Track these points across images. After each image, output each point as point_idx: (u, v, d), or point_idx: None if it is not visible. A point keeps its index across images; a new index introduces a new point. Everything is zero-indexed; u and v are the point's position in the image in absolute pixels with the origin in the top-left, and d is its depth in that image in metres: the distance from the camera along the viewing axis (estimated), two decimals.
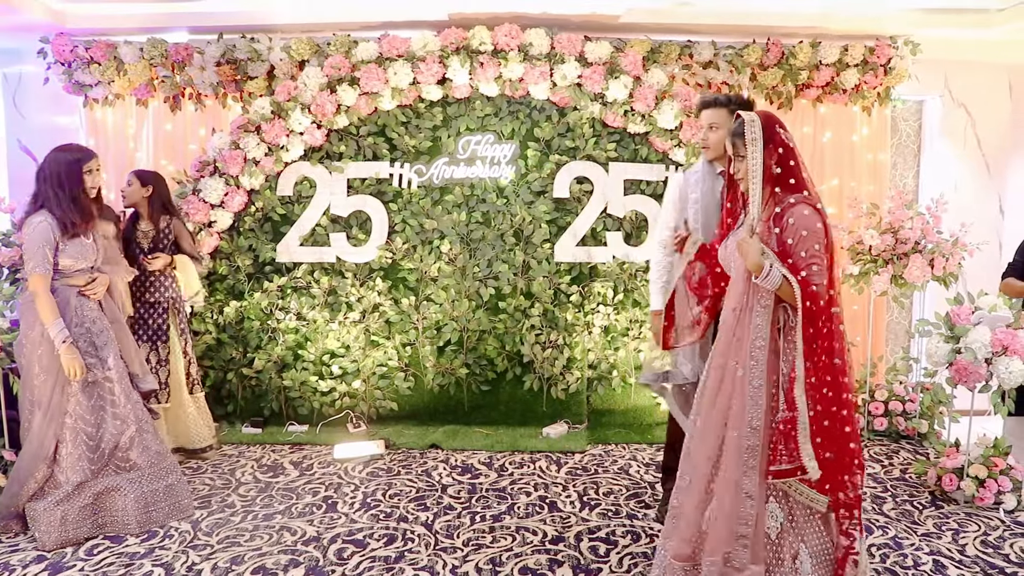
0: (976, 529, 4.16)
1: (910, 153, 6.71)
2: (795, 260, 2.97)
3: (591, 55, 5.68)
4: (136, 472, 4.19)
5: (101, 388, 4.14)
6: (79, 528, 4.03)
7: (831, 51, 5.88)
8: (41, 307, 3.95)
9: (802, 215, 2.98)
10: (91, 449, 4.09)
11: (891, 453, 5.42)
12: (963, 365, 4.31)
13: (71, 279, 4.11)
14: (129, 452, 4.19)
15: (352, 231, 6.00)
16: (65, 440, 4.04)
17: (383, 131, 5.95)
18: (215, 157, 5.76)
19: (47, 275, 3.96)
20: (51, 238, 3.96)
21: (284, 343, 6.02)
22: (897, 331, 6.77)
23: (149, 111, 6.22)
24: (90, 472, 4.07)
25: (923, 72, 6.13)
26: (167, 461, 4.35)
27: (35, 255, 3.93)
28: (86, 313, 4.13)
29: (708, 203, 3.89)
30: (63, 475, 4.05)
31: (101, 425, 4.13)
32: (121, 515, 4.13)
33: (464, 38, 5.67)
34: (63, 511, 3.98)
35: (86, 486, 4.06)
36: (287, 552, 3.91)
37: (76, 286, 4.12)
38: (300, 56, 5.83)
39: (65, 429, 4.05)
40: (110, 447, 4.14)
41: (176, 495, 4.34)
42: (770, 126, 3.11)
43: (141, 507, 4.17)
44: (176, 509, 4.32)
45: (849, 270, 5.67)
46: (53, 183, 4.02)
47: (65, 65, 5.95)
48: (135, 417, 4.21)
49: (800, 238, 2.96)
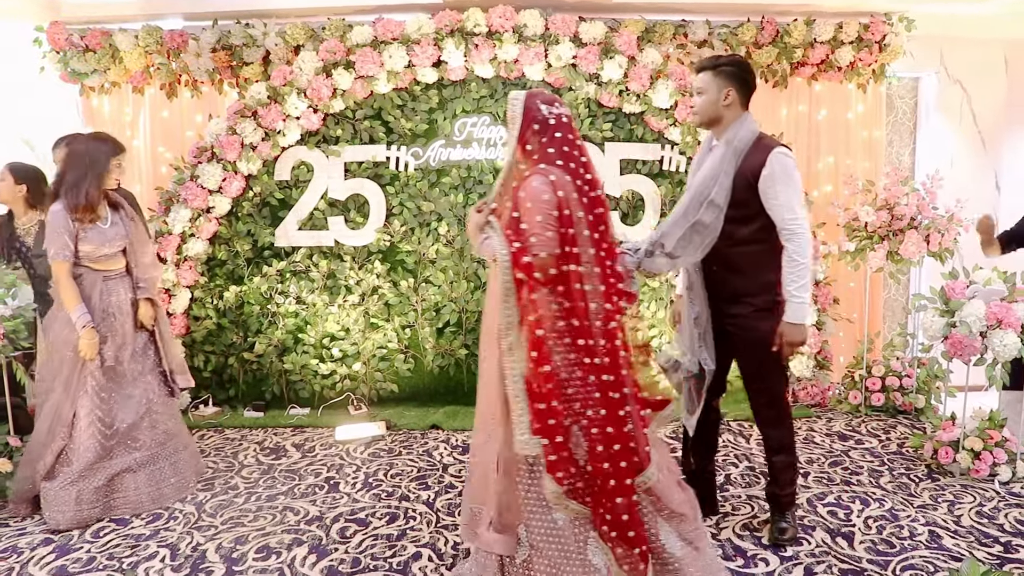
0: (971, 500, 4.20)
1: (906, 130, 6.71)
2: (515, 232, 2.92)
3: (585, 35, 5.69)
4: (144, 451, 4.29)
5: (115, 372, 4.24)
6: (93, 508, 4.10)
7: (826, 29, 5.88)
8: (63, 292, 4.06)
9: (531, 187, 2.92)
10: (105, 426, 4.16)
11: (888, 428, 5.46)
12: (958, 339, 4.34)
13: (96, 264, 4.19)
14: (137, 432, 4.29)
15: (350, 215, 6.03)
16: (79, 418, 4.12)
17: (379, 114, 5.96)
18: (212, 143, 5.77)
19: (67, 261, 4.04)
20: (68, 225, 4.04)
21: (284, 327, 6.05)
22: (894, 307, 6.80)
23: (145, 98, 6.22)
24: (102, 452, 4.14)
25: (918, 49, 6.14)
26: (177, 440, 4.48)
27: (54, 242, 4.03)
28: (112, 299, 4.23)
29: (695, 174, 3.71)
30: (75, 454, 4.12)
31: (115, 407, 4.22)
32: (134, 495, 4.23)
33: (459, 20, 5.68)
34: (78, 490, 4.05)
35: (99, 467, 4.14)
36: (290, 531, 3.95)
37: (101, 271, 4.21)
38: (295, 41, 5.84)
39: (81, 407, 4.13)
40: (123, 428, 4.22)
41: (182, 472, 4.46)
42: (530, 102, 3.04)
43: (153, 486, 4.29)
44: (183, 487, 4.44)
45: (845, 247, 5.70)
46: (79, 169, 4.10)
47: (60, 53, 5.95)
48: (147, 399, 4.34)
49: (525, 210, 2.90)
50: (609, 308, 2.97)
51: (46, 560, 3.69)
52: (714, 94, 3.52)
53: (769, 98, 6.24)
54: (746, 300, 3.57)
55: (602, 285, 2.96)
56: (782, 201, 3.41)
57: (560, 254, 2.90)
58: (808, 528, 3.88)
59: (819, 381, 5.98)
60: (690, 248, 3.46)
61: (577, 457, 2.92)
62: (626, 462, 2.91)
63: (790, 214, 3.40)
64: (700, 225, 3.43)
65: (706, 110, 3.57)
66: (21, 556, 3.74)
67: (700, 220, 3.42)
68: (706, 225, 3.42)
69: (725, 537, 3.79)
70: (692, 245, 3.45)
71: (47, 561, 3.68)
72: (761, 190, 3.44)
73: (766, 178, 3.41)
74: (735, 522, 3.96)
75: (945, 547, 3.65)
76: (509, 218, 2.98)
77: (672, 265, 3.53)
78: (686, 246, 3.45)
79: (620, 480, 2.90)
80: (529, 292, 2.90)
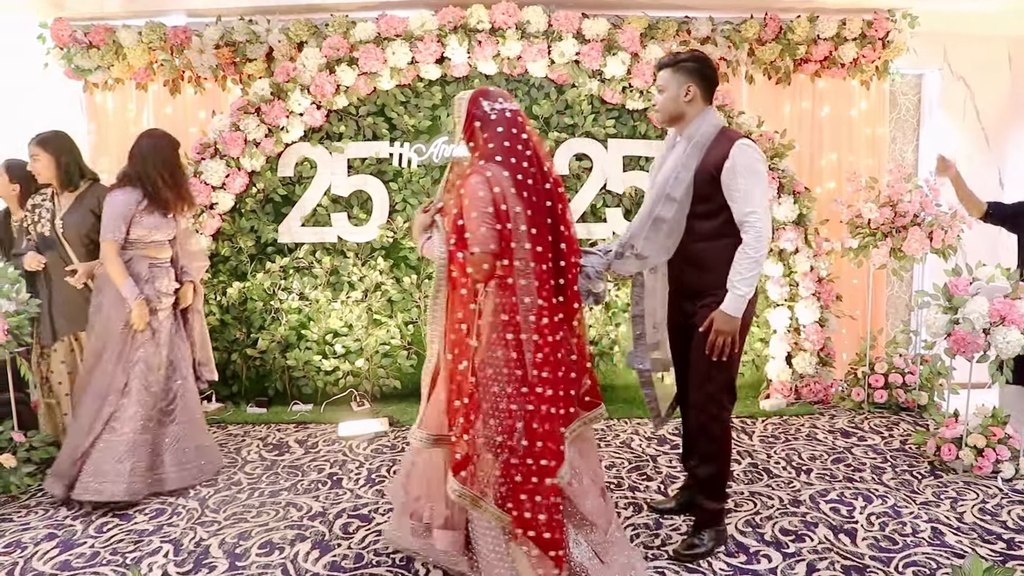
0: (974, 497, 4.20)
1: (909, 127, 6.71)
2: (453, 230, 2.99)
3: (588, 32, 5.68)
4: (180, 428, 4.52)
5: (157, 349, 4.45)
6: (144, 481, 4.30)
7: (829, 25, 5.88)
8: (111, 269, 4.29)
9: (468, 185, 2.96)
10: (151, 395, 4.39)
11: (891, 425, 5.46)
12: (961, 335, 4.34)
13: (145, 250, 4.42)
14: (174, 409, 4.52)
15: (353, 211, 6.03)
16: (130, 386, 4.33)
17: (382, 111, 5.96)
18: (216, 139, 5.77)
19: (116, 242, 4.28)
20: (127, 212, 4.30)
21: (287, 323, 6.06)
22: (897, 304, 6.80)
23: (149, 95, 6.23)
24: (147, 422, 4.36)
25: (922, 45, 6.14)
26: (200, 424, 4.70)
27: (109, 224, 4.27)
28: (156, 285, 4.44)
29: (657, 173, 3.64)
30: (121, 421, 4.29)
31: (158, 380, 4.44)
32: (166, 472, 4.44)
33: (462, 17, 5.68)
34: (132, 463, 4.25)
35: (144, 440, 4.33)
36: (293, 527, 3.96)
37: (148, 257, 4.44)
38: (298, 37, 5.84)
39: (133, 377, 4.34)
40: (163, 403, 4.48)
41: (207, 455, 4.67)
42: (473, 100, 3.08)
43: (177, 465, 4.48)
44: (206, 470, 4.64)
45: (848, 243, 5.70)
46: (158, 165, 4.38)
47: (64, 50, 5.95)
48: (181, 380, 4.57)
49: (463, 208, 2.95)
50: (542, 304, 2.98)
51: (50, 555, 3.70)
52: (675, 91, 3.48)
53: (772, 95, 6.25)
54: (710, 295, 3.45)
55: (536, 280, 2.98)
56: (742, 193, 3.32)
57: (496, 250, 2.94)
58: (811, 525, 3.88)
59: (822, 378, 5.98)
60: (656, 247, 3.47)
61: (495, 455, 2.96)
62: (548, 460, 2.93)
63: (748, 207, 3.31)
64: (660, 221, 3.43)
65: (667, 107, 3.52)
66: (25, 551, 3.75)
67: (659, 216, 3.42)
68: (665, 221, 3.42)
69: (728, 533, 3.79)
70: (657, 244, 3.46)
71: (51, 556, 3.69)
72: (723, 183, 3.36)
73: (728, 171, 3.34)
74: (738, 518, 3.96)
75: (948, 544, 3.66)
76: (452, 217, 3.03)
77: (642, 265, 3.53)
78: (652, 245, 3.46)
79: (542, 479, 2.92)
80: (462, 289, 2.98)
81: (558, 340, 3.02)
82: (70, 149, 4.63)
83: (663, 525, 3.91)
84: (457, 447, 2.96)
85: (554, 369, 2.98)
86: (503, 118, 3.05)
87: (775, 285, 5.91)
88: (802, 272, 5.83)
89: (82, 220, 4.58)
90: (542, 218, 3.03)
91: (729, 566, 3.47)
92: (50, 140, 4.59)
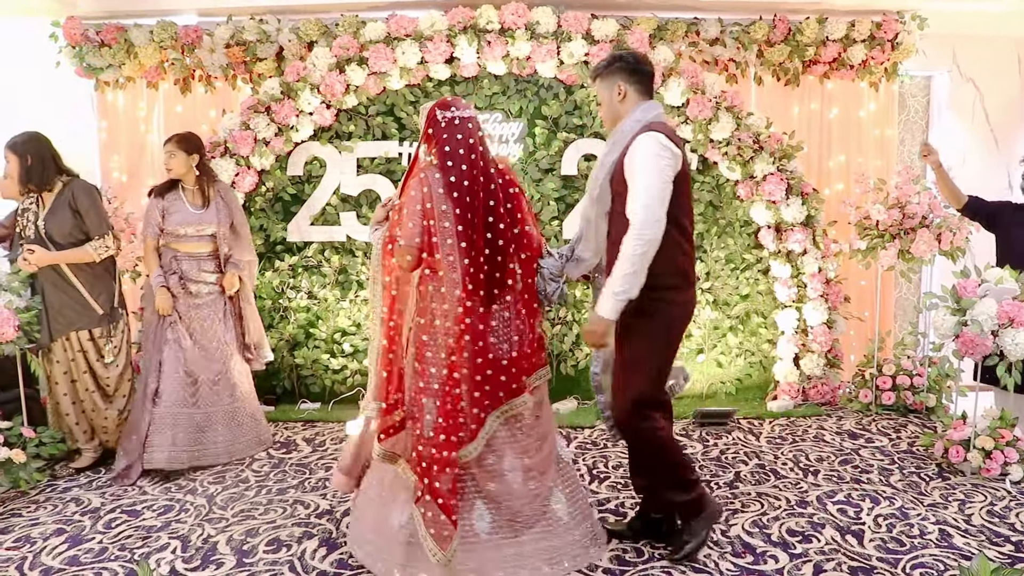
0: (982, 499, 4.20)
1: (918, 128, 6.71)
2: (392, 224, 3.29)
3: (598, 33, 5.69)
4: (224, 407, 4.94)
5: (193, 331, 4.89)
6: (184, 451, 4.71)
7: (838, 27, 5.88)
8: (144, 262, 4.95)
9: (407, 186, 3.30)
10: (187, 374, 4.81)
11: (899, 427, 5.45)
12: (969, 337, 4.34)
13: (177, 243, 4.88)
14: (219, 387, 4.93)
15: (362, 210, 6.04)
16: (165, 365, 4.77)
17: (392, 110, 5.97)
18: (226, 138, 5.80)
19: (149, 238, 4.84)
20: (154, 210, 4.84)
21: (296, 322, 6.08)
22: (906, 306, 6.80)
23: (160, 93, 6.26)
24: (186, 397, 4.80)
25: (931, 47, 6.13)
26: (250, 403, 5.13)
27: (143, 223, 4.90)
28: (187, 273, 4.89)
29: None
30: (163, 396, 4.74)
31: (194, 360, 4.85)
32: (213, 447, 4.86)
33: (471, 17, 5.69)
34: (173, 435, 4.68)
35: (187, 414, 4.78)
36: (301, 524, 3.97)
37: (177, 251, 4.88)
38: (309, 37, 5.86)
39: (166, 358, 4.78)
40: (203, 380, 4.87)
41: (257, 429, 5.12)
42: (431, 110, 3.33)
43: (230, 440, 4.93)
44: (257, 442, 5.10)
45: (856, 245, 5.70)
46: None
47: (76, 48, 5.98)
48: (224, 361, 4.98)
49: (400, 206, 3.28)
50: (464, 297, 3.20)
51: (59, 550, 3.72)
52: (607, 95, 3.43)
53: (781, 96, 6.25)
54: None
55: (462, 275, 3.20)
56: (634, 185, 3.18)
57: (420, 244, 3.21)
58: (818, 526, 3.88)
59: (829, 379, 5.98)
60: (589, 248, 3.48)
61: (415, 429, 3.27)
62: (454, 437, 3.20)
63: (633, 201, 3.16)
64: (587, 222, 3.46)
65: (607, 114, 3.49)
66: (34, 546, 3.77)
67: (586, 216, 3.47)
68: (591, 221, 3.43)
69: (735, 534, 3.80)
70: (590, 245, 3.48)
71: (60, 551, 3.71)
72: (626, 178, 3.25)
73: (626, 163, 3.23)
74: (745, 519, 3.96)
75: (956, 546, 3.65)
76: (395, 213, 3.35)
77: (583, 268, 3.52)
78: (586, 247, 3.49)
79: (447, 452, 3.19)
80: (393, 277, 3.34)
81: (480, 331, 3.24)
82: (38, 151, 4.57)
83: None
84: (385, 416, 3.31)
85: (473, 357, 3.22)
86: (452, 125, 3.27)
87: (783, 286, 5.91)
88: (810, 273, 5.83)
89: (62, 218, 4.56)
90: (477, 217, 3.22)
91: (736, 566, 3.47)
92: (19, 143, 4.58)
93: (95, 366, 4.69)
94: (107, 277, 4.74)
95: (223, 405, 4.93)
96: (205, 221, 4.90)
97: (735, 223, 6.04)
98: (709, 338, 6.10)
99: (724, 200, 6.01)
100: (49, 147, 4.65)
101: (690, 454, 4.93)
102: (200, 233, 4.90)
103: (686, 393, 6.06)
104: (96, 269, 4.64)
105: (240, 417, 5.01)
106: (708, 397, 6.15)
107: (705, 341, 6.10)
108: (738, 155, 5.75)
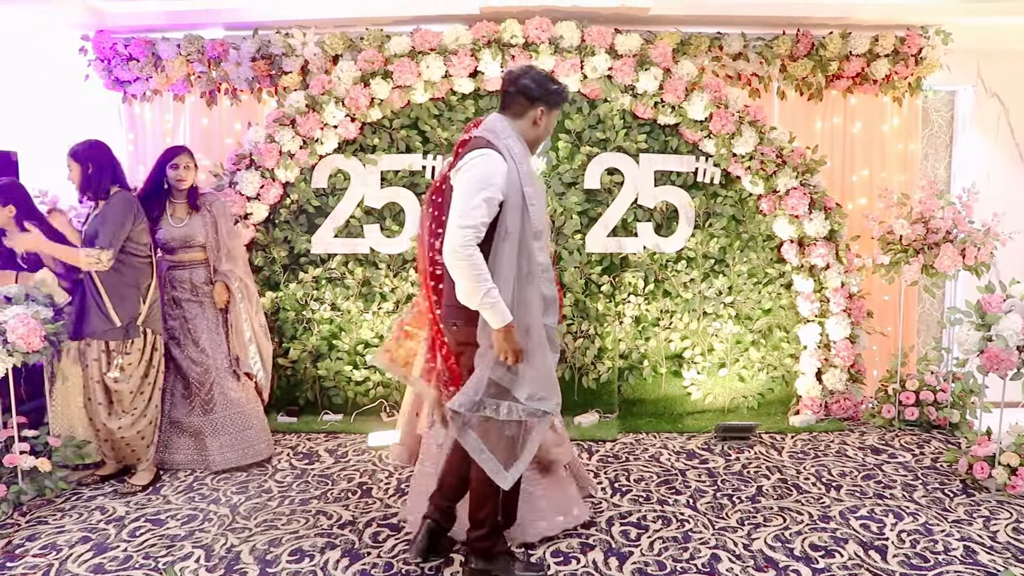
0: (1008, 516, 4.17)
1: (942, 144, 6.68)
2: None
3: (621, 47, 5.72)
4: (216, 415, 5.00)
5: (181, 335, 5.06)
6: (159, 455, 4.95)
7: (861, 42, 5.88)
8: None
9: None
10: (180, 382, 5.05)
11: (922, 443, 5.42)
12: (994, 353, 4.32)
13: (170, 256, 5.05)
14: (211, 395, 5.00)
15: (386, 223, 6.07)
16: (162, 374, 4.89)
17: (416, 124, 6.01)
18: (251, 150, 5.85)
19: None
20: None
21: (319, 333, 6.11)
22: (929, 322, 6.76)
23: (186, 106, 6.33)
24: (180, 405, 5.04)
25: (955, 62, 6.10)
26: (248, 414, 5.13)
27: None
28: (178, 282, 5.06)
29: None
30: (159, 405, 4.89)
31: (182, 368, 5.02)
32: (217, 454, 4.97)
33: (495, 31, 5.73)
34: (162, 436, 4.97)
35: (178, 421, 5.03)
36: (323, 535, 4.00)
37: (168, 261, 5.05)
38: (334, 50, 5.91)
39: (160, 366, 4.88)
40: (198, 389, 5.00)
41: (252, 441, 5.11)
42: None
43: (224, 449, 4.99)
44: (250, 454, 5.08)
45: (880, 260, 5.68)
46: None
47: (105, 62, 6.07)
48: (216, 368, 5.03)
49: None
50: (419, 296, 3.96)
51: (84, 558, 3.76)
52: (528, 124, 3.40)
53: (804, 111, 6.25)
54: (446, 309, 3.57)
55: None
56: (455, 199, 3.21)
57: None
58: (841, 541, 3.87)
59: (852, 394, 5.95)
60: None
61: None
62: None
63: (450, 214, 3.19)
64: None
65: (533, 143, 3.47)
66: (60, 553, 3.82)
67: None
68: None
69: (757, 548, 3.79)
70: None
71: (85, 559, 3.76)
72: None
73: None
74: (767, 533, 3.95)
75: (981, 563, 3.63)
76: None
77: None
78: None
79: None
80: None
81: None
82: (98, 159, 4.62)
83: (692, 539, 3.91)
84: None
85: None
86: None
87: (805, 301, 5.89)
88: (833, 288, 5.81)
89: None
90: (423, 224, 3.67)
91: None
92: (80, 150, 4.62)
93: (107, 378, 4.66)
94: (132, 292, 4.64)
95: (217, 416, 5.00)
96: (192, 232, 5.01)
97: (758, 237, 6.03)
98: (731, 352, 6.09)
99: (747, 214, 6.00)
100: (110, 155, 4.71)
101: (712, 468, 4.92)
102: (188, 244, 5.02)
103: (708, 407, 6.06)
104: (124, 279, 4.61)
105: (231, 429, 5.04)
106: (730, 411, 6.13)
107: (727, 355, 6.09)
108: (761, 169, 5.75)
